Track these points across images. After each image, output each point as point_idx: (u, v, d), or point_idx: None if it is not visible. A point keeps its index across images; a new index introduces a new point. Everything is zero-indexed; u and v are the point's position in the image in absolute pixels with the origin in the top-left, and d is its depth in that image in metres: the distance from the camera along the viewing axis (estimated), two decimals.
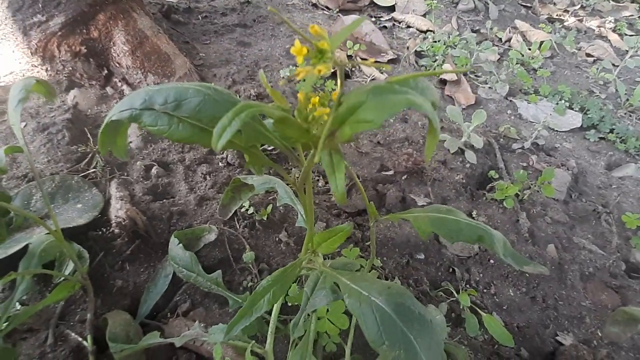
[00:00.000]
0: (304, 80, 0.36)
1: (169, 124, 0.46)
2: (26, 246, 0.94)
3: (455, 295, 1.13)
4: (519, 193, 1.45)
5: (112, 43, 1.61)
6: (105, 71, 1.62)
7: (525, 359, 1.06)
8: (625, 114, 2.10)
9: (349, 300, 0.55)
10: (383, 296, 0.54)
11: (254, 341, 0.80)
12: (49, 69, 1.56)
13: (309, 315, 0.88)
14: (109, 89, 1.61)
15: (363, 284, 0.56)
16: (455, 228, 0.64)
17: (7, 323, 0.80)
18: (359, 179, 1.30)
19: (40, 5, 1.48)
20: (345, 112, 0.40)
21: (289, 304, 1.02)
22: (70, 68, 1.56)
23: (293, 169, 1.46)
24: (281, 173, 0.54)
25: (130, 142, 1.42)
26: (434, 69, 2.17)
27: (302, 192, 0.56)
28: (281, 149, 0.50)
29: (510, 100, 2.07)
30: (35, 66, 1.56)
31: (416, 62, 2.24)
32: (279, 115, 0.39)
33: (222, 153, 1.44)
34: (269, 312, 0.88)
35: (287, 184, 0.99)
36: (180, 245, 1.01)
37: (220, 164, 1.41)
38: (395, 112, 0.36)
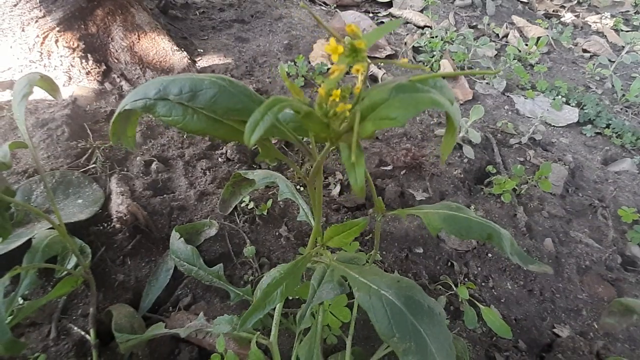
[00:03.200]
0: (332, 78, 0.36)
1: (183, 114, 0.45)
2: (27, 241, 0.94)
3: (454, 288, 1.14)
4: (516, 188, 1.47)
5: (110, 38, 1.61)
6: (104, 67, 1.62)
7: (522, 350, 1.07)
8: (621, 109, 2.12)
9: (359, 293, 0.56)
10: (393, 290, 0.55)
11: (258, 332, 0.81)
12: (46, 64, 1.56)
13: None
14: (107, 85, 1.61)
15: (372, 278, 0.57)
16: (465, 226, 0.65)
17: (11, 317, 0.81)
18: None
19: (38, 1, 1.48)
20: (367, 109, 0.40)
21: (291, 298, 1.04)
22: (69, 64, 1.56)
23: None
24: (292, 166, 0.54)
25: None
26: (432, 64, 2.18)
27: (311, 186, 0.57)
28: (294, 143, 0.51)
29: (508, 96, 2.08)
30: (33, 62, 1.55)
31: (414, 57, 2.25)
32: (306, 110, 0.40)
33: (222, 148, 1.44)
34: None
35: (288, 178, 1.00)
36: (182, 239, 1.02)
37: (219, 159, 1.42)
38: (419, 111, 0.37)
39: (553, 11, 3.06)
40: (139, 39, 1.64)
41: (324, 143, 0.47)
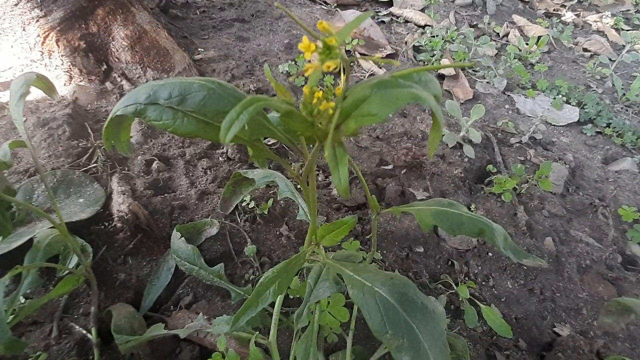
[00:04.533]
0: (305, 75, 0.37)
1: (173, 118, 0.46)
2: (28, 241, 0.94)
3: (454, 287, 1.15)
4: (516, 187, 1.47)
5: (111, 38, 1.61)
6: (105, 66, 1.62)
7: (523, 349, 1.07)
8: (621, 108, 2.11)
9: (353, 291, 0.56)
10: (386, 287, 0.55)
11: (257, 332, 0.81)
12: (47, 64, 1.56)
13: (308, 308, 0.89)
14: (108, 84, 1.61)
15: (366, 275, 0.57)
16: (456, 221, 0.65)
17: (13, 316, 0.81)
18: None
19: (38, 0, 1.48)
20: (350, 106, 0.40)
21: (291, 297, 1.04)
22: (69, 63, 1.56)
23: (293, 163, 1.47)
24: (285, 166, 0.55)
25: (131, 137, 1.42)
26: (432, 63, 2.18)
27: (305, 185, 0.57)
28: (285, 143, 0.51)
29: (508, 95, 2.08)
30: (34, 61, 1.55)
31: (414, 57, 2.25)
32: (286, 109, 0.40)
33: (223, 148, 1.45)
34: (271, 305, 0.89)
35: (288, 178, 1.00)
36: (183, 238, 1.02)
37: (220, 158, 1.42)
38: (399, 106, 0.37)
39: (553, 10, 3.06)
40: (140, 39, 1.64)
41: (313, 143, 0.47)
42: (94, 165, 1.29)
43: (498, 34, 2.63)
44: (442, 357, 0.51)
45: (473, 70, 2.21)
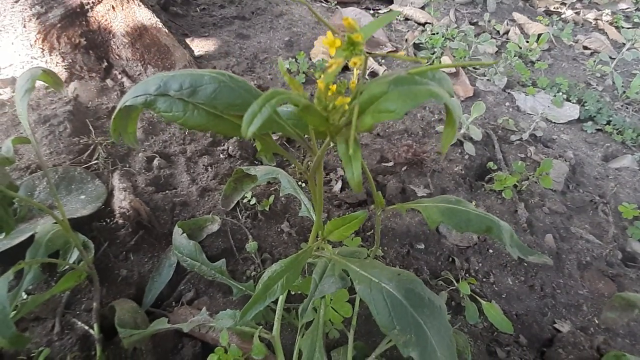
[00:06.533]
0: (329, 71, 0.37)
1: (184, 110, 0.46)
2: (30, 237, 0.94)
3: (455, 284, 1.15)
4: (517, 184, 1.47)
5: (111, 35, 1.61)
6: (105, 63, 1.62)
7: (523, 345, 1.08)
8: (622, 106, 2.12)
9: (360, 287, 0.56)
10: (393, 282, 0.55)
11: (261, 327, 0.81)
12: (48, 61, 1.56)
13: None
14: (109, 81, 1.61)
15: (373, 271, 0.58)
16: (464, 218, 0.65)
17: (15, 312, 0.81)
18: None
19: None
20: (366, 102, 0.40)
21: (292, 293, 1.04)
22: (70, 60, 1.56)
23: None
24: (292, 161, 0.55)
25: None
26: (433, 61, 2.18)
27: (312, 181, 0.57)
28: (295, 138, 0.51)
29: (509, 93, 2.08)
30: (35, 58, 1.55)
31: (415, 54, 2.25)
32: (305, 104, 0.40)
33: (224, 144, 1.45)
34: (274, 301, 0.89)
35: (290, 174, 1.00)
36: (184, 235, 1.02)
37: (221, 155, 1.42)
38: (418, 103, 0.37)
39: (554, 8, 3.06)
40: (140, 36, 1.64)
41: (323, 139, 0.47)
42: (95, 162, 1.29)
43: (498, 31, 2.63)
44: (449, 353, 0.51)
45: (473, 68, 2.21)
